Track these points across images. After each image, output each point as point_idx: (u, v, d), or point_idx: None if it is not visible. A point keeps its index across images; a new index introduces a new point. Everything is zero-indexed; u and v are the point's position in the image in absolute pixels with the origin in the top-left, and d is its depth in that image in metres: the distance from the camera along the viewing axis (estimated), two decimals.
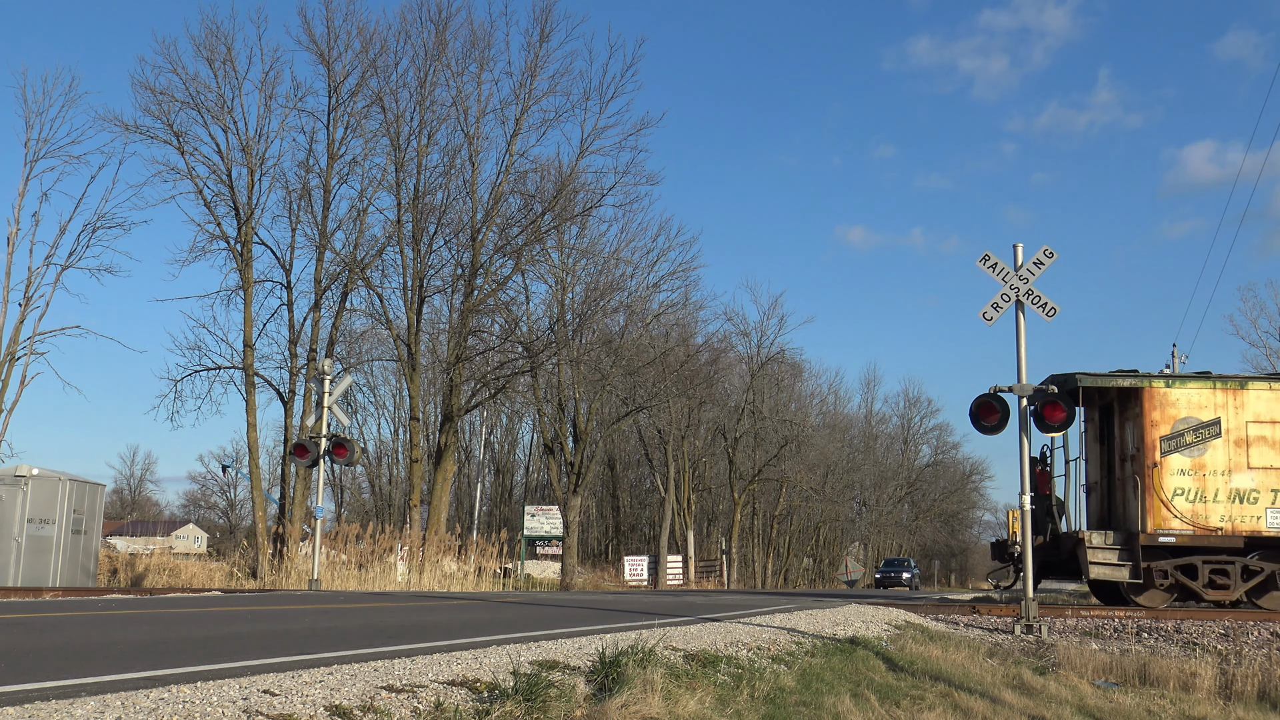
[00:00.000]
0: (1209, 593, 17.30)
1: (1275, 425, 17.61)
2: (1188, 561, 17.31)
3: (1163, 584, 17.38)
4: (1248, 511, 17.34)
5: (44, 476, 22.13)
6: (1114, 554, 17.40)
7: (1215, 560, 17.30)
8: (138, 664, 5.53)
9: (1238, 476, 17.44)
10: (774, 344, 54.91)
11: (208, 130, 32.58)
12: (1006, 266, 14.50)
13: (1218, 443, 17.51)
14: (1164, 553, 17.37)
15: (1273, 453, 17.49)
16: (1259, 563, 17.27)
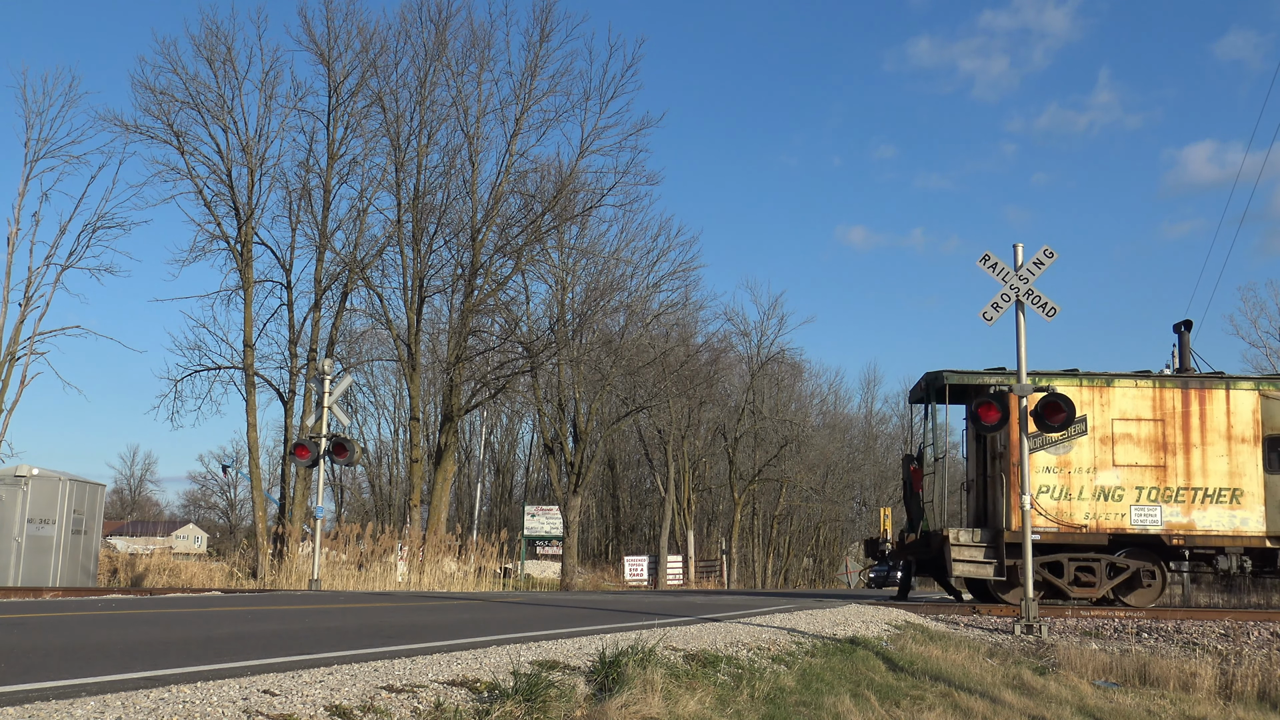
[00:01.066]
0: (1075, 590, 17.32)
1: (1141, 423, 17.57)
2: (1054, 559, 17.32)
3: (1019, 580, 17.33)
4: (1112, 509, 17.34)
5: (44, 476, 22.13)
6: (979, 551, 17.42)
7: (1081, 558, 17.31)
8: (138, 664, 5.53)
9: (1103, 474, 17.44)
10: (774, 344, 54.89)
11: (208, 130, 32.61)
12: (1006, 266, 14.50)
13: (1084, 440, 17.48)
14: (1038, 550, 17.26)
15: (1138, 450, 17.45)
16: (1125, 560, 17.30)
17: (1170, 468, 17.38)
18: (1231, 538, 17.21)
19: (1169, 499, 17.30)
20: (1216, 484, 17.33)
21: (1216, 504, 17.30)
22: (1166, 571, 17.57)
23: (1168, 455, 17.44)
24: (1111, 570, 17.34)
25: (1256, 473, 17.34)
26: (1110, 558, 17.35)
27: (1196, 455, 17.41)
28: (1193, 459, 17.40)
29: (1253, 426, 17.47)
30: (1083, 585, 17.33)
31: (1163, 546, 17.32)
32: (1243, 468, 17.36)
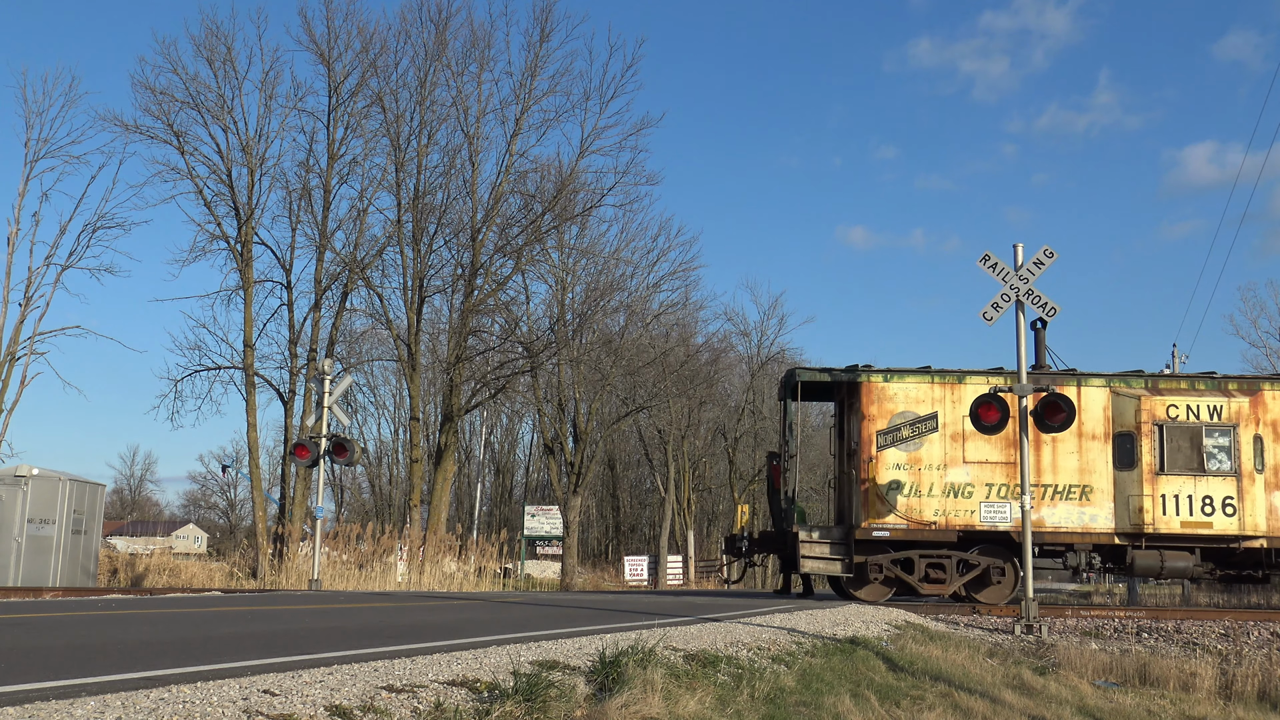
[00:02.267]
0: (925, 587, 17.34)
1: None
2: (906, 555, 17.34)
3: (876, 578, 17.36)
4: (962, 506, 17.33)
5: (44, 476, 22.12)
6: (828, 548, 17.46)
7: (932, 555, 17.32)
8: (138, 664, 5.53)
9: (953, 471, 17.43)
10: (774, 344, 54.86)
11: (208, 130, 32.61)
12: (1006, 266, 14.51)
13: (934, 437, 17.48)
14: (886, 547, 17.41)
15: (988, 447, 17.42)
16: (977, 557, 17.31)
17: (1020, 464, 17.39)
18: (1081, 534, 17.25)
19: (1019, 495, 17.24)
20: (1067, 481, 17.33)
21: (1066, 501, 17.31)
22: (1018, 569, 17.49)
23: (1017, 452, 17.30)
24: (964, 567, 17.36)
25: (1107, 470, 17.34)
26: (962, 554, 17.36)
27: (1047, 452, 17.41)
28: (1043, 456, 17.39)
29: (1104, 424, 17.47)
30: (933, 582, 17.34)
31: (1012, 543, 17.33)
32: (1093, 465, 17.36)
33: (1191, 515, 16.93)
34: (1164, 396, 17.37)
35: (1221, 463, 17.10)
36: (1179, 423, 17.18)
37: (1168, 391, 17.50)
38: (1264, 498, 17.22)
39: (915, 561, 17.30)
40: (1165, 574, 17.36)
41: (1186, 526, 16.93)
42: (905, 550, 17.34)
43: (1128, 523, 17.13)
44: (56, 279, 32.11)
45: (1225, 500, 16.99)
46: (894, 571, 17.29)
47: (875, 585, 17.46)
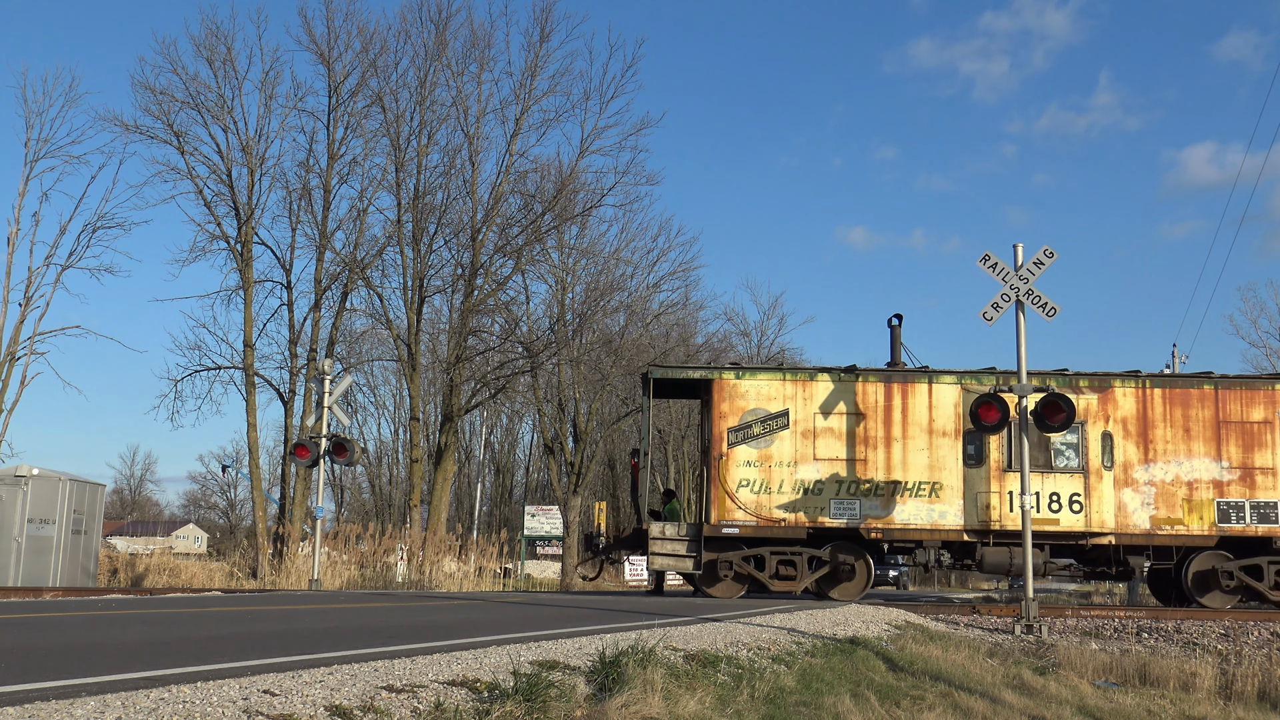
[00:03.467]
0: (775, 583, 17.37)
1: (843, 416, 17.57)
2: (757, 553, 17.37)
3: (726, 574, 17.36)
4: (812, 503, 17.38)
5: (44, 476, 22.12)
6: (682, 545, 17.48)
7: (783, 551, 17.35)
8: (138, 664, 5.53)
9: (804, 468, 17.46)
10: (774, 344, 54.81)
11: (208, 130, 32.62)
12: (1007, 266, 14.51)
13: (785, 434, 17.52)
14: (740, 544, 17.43)
15: (839, 444, 17.50)
16: (830, 553, 17.35)
17: (871, 461, 17.45)
18: (930, 531, 17.30)
19: (869, 493, 17.38)
20: (916, 478, 17.37)
21: (916, 498, 17.35)
22: (871, 565, 17.57)
23: (869, 449, 17.49)
24: (815, 563, 17.40)
25: (957, 466, 17.37)
26: (815, 551, 17.39)
27: (898, 449, 17.47)
28: (894, 453, 17.46)
29: (954, 420, 17.50)
30: (784, 579, 17.37)
31: (861, 539, 17.37)
32: (943, 461, 17.41)
33: (1038, 512, 16.96)
34: (1012, 394, 17.41)
35: (1069, 460, 17.17)
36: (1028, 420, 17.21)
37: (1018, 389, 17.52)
38: (1113, 495, 17.28)
39: (766, 558, 17.34)
40: (1014, 570, 17.34)
41: (1034, 522, 16.84)
42: (758, 547, 17.38)
43: (976, 519, 17.19)
44: (56, 279, 32.14)
45: (1072, 497, 17.06)
46: (745, 569, 17.32)
47: (728, 582, 17.47)
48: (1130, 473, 17.39)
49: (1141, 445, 17.41)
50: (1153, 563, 17.46)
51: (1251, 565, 17.15)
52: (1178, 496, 17.29)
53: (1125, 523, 17.26)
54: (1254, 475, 17.35)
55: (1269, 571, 17.05)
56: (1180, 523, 17.23)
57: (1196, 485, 17.35)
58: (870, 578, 17.56)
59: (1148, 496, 17.29)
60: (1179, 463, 17.38)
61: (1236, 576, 17.08)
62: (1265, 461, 17.36)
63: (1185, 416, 17.55)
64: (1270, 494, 17.26)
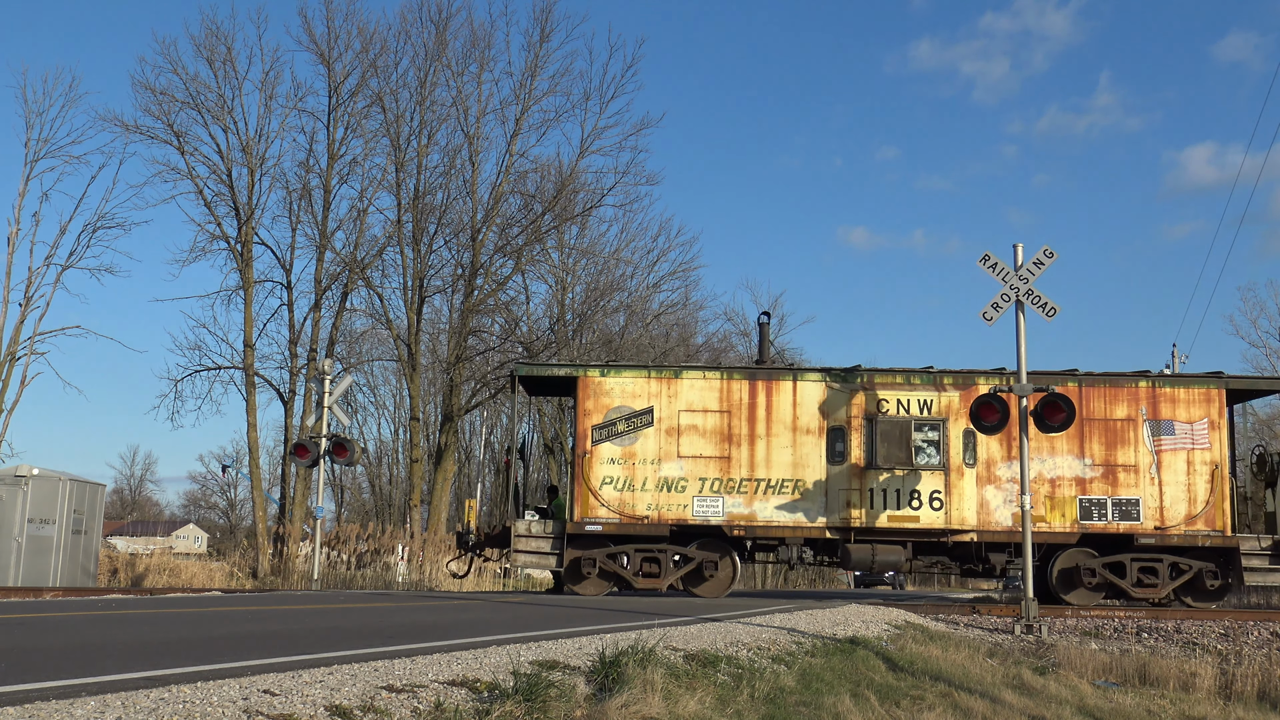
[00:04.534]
0: (640, 581, 17.38)
1: (708, 414, 17.58)
2: (622, 550, 17.38)
3: (590, 572, 17.37)
4: (675, 500, 17.36)
5: (44, 476, 22.12)
6: (546, 543, 17.49)
7: (648, 549, 17.35)
8: (138, 664, 5.53)
9: (667, 465, 17.46)
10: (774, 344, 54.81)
11: (208, 130, 32.65)
12: (1006, 266, 14.51)
13: (650, 432, 17.52)
14: (606, 541, 17.42)
15: (703, 441, 17.49)
16: (695, 551, 17.36)
17: (735, 459, 17.44)
18: (793, 528, 17.31)
19: (732, 490, 17.36)
20: (780, 475, 17.37)
21: (779, 495, 17.36)
22: (737, 562, 17.56)
23: (733, 446, 17.48)
24: (682, 561, 17.40)
25: (820, 464, 17.37)
26: (681, 549, 17.41)
27: (761, 446, 17.45)
28: (757, 450, 17.44)
29: (818, 418, 17.52)
30: (648, 576, 17.37)
31: (725, 537, 17.37)
32: (807, 459, 17.41)
33: (899, 509, 17.03)
34: (875, 391, 17.49)
35: (931, 457, 17.18)
36: (889, 417, 17.27)
37: (881, 386, 17.57)
38: (974, 492, 17.28)
39: (631, 556, 17.36)
40: (878, 567, 17.41)
41: (893, 520, 17.06)
42: (623, 545, 17.39)
43: (837, 517, 17.20)
44: (56, 279, 32.15)
45: (933, 494, 17.11)
46: (610, 566, 17.33)
47: (594, 580, 17.47)
48: (993, 470, 17.39)
49: (1005, 442, 17.36)
50: (1012, 559, 17.45)
51: (1115, 563, 17.16)
52: (1040, 493, 17.26)
53: (988, 520, 17.26)
54: (1117, 472, 17.33)
55: (1132, 569, 17.06)
56: (1043, 520, 17.20)
57: (1059, 483, 17.34)
58: (736, 575, 17.56)
59: (1010, 494, 17.27)
60: (1042, 460, 17.34)
61: (1099, 573, 17.10)
62: (1128, 459, 17.36)
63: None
64: (1132, 491, 17.26)
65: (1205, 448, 17.27)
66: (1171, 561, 17.09)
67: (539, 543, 17.48)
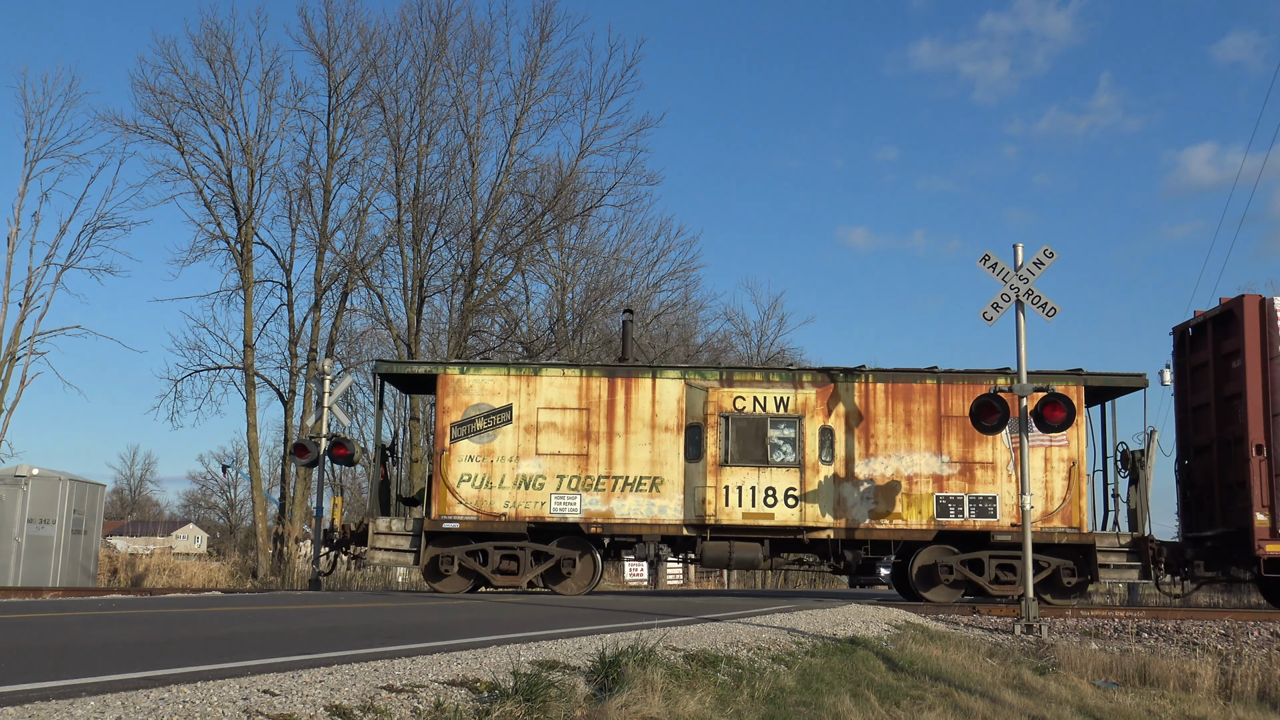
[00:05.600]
0: (498, 578, 17.40)
1: (566, 412, 17.62)
2: (481, 547, 17.39)
3: (448, 570, 17.38)
4: (533, 497, 17.41)
5: (44, 476, 22.12)
6: (406, 540, 17.52)
7: (507, 546, 17.36)
8: (138, 664, 5.53)
9: (525, 463, 17.50)
10: (774, 344, 54.77)
11: (208, 130, 32.67)
12: (1006, 266, 14.51)
13: (508, 429, 17.57)
14: (468, 538, 17.45)
15: (561, 439, 17.54)
16: (555, 549, 17.41)
17: (593, 456, 17.49)
18: (650, 526, 17.33)
19: (590, 487, 17.41)
20: (638, 473, 17.42)
21: (636, 492, 17.39)
22: (598, 560, 17.59)
23: (591, 444, 17.53)
24: (537, 558, 17.44)
25: (678, 461, 17.40)
26: (541, 546, 17.44)
27: (620, 444, 17.50)
28: (615, 448, 17.50)
29: (677, 415, 17.54)
30: (507, 574, 17.42)
31: (582, 534, 17.41)
32: (665, 456, 17.44)
33: (754, 506, 17.04)
34: (733, 388, 17.48)
35: (786, 454, 17.21)
36: (745, 414, 17.29)
37: (740, 384, 17.60)
38: (832, 489, 17.31)
39: (490, 553, 17.38)
40: (734, 564, 17.46)
41: (748, 517, 17.05)
42: (484, 542, 17.42)
43: (694, 514, 17.23)
44: (56, 279, 32.17)
45: (788, 491, 17.10)
46: (470, 563, 17.36)
47: (454, 578, 17.50)
48: (851, 467, 17.43)
49: (863, 440, 17.44)
50: (869, 557, 17.52)
51: (973, 560, 17.19)
52: (897, 491, 17.33)
53: (844, 517, 17.31)
54: (974, 469, 17.36)
55: (989, 566, 17.08)
56: (899, 517, 17.26)
57: (916, 480, 17.38)
58: (597, 572, 17.58)
59: (868, 491, 17.34)
60: (900, 457, 17.41)
61: (956, 570, 17.13)
62: (986, 456, 17.38)
63: (907, 411, 17.54)
64: (989, 488, 17.29)
65: (1063, 445, 17.34)
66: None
67: (398, 540, 17.52)
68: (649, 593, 27.91)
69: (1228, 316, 18.04)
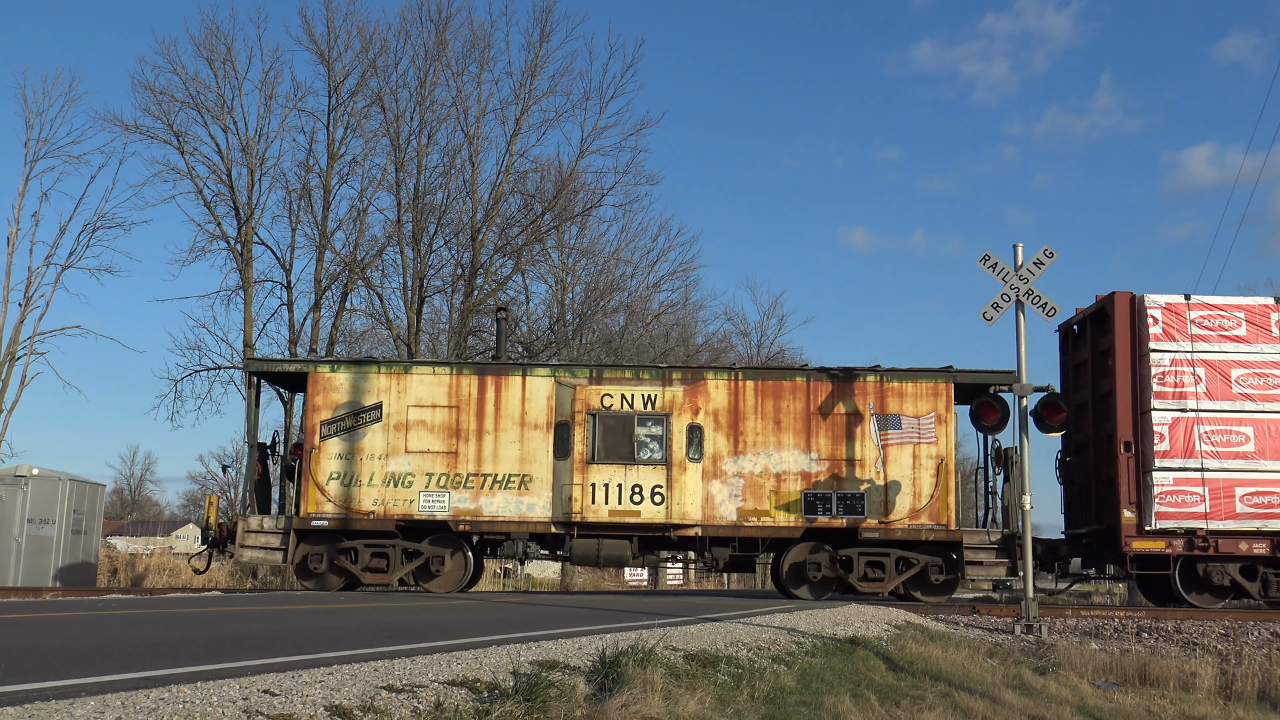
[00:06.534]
0: (368, 576, 17.42)
1: (436, 409, 17.66)
2: (352, 545, 17.40)
3: (317, 567, 17.37)
4: (402, 495, 17.44)
5: (44, 476, 22.12)
6: (275, 538, 17.51)
7: (377, 544, 17.38)
8: (138, 664, 5.53)
9: (395, 461, 17.53)
10: (774, 344, 54.72)
11: (208, 130, 32.64)
12: (1006, 266, 14.51)
13: (378, 427, 17.59)
14: (339, 536, 17.45)
15: (431, 436, 17.57)
16: (427, 546, 17.44)
17: (462, 454, 17.53)
18: (519, 523, 17.39)
19: (459, 485, 17.46)
20: (507, 470, 17.48)
21: (505, 490, 17.45)
22: (469, 558, 17.60)
23: (460, 442, 17.57)
24: (406, 556, 17.46)
25: (547, 459, 17.46)
26: (413, 544, 17.45)
27: (489, 442, 17.55)
28: (485, 445, 17.54)
29: (547, 413, 17.60)
30: (376, 571, 17.44)
31: (450, 532, 17.43)
32: (534, 454, 17.50)
33: (620, 504, 17.08)
34: (601, 386, 17.53)
35: (653, 452, 17.25)
36: (613, 412, 17.32)
37: (609, 381, 17.66)
38: (700, 487, 17.33)
39: (360, 551, 17.39)
40: (603, 561, 17.48)
41: (615, 515, 17.08)
42: (354, 540, 17.43)
43: (561, 512, 17.28)
44: (56, 279, 32.14)
45: (655, 489, 17.12)
46: (340, 561, 17.35)
47: (326, 575, 17.51)
48: (719, 465, 17.44)
49: (732, 437, 17.47)
50: (738, 555, 17.52)
51: (844, 557, 17.20)
52: (766, 488, 17.35)
53: (712, 514, 17.32)
54: (842, 467, 17.41)
55: (859, 563, 17.10)
56: (767, 514, 17.28)
57: (785, 477, 17.39)
58: (468, 571, 17.59)
59: (736, 488, 17.35)
60: (769, 454, 17.43)
61: (824, 568, 17.15)
62: (854, 453, 17.43)
63: (776, 408, 17.57)
64: (858, 486, 17.35)
65: (932, 442, 17.40)
66: (899, 555, 17.18)
67: (268, 538, 17.51)
68: (649, 593, 27.91)
69: (1102, 314, 18.10)
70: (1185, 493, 16.80)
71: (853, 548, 17.19)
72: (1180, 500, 16.81)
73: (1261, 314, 17.33)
